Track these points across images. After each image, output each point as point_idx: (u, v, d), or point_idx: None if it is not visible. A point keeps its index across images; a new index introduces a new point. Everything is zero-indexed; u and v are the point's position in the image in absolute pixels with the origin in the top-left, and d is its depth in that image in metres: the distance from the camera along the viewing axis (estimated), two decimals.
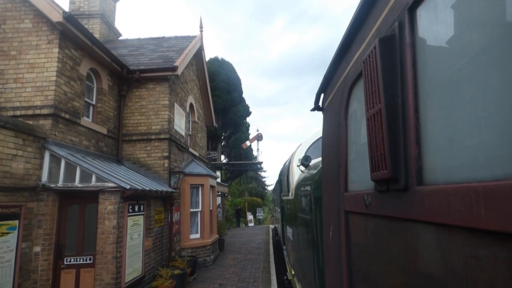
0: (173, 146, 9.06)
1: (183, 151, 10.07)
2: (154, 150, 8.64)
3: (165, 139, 8.65)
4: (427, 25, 0.98)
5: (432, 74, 0.95)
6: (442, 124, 0.89)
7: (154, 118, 8.76)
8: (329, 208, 2.24)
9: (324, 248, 2.40)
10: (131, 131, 8.71)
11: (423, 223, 0.93)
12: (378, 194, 1.27)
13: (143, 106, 8.84)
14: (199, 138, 12.47)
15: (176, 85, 9.66)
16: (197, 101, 12.56)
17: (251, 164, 25.57)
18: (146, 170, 8.50)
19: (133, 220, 6.08)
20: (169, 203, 8.16)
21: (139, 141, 8.68)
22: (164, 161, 8.58)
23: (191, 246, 9.53)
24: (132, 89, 8.91)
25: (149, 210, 7.22)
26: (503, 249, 0.64)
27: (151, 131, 8.70)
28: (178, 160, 9.48)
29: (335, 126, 2.06)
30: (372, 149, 1.24)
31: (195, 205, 10.17)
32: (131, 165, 8.52)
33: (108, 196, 5.67)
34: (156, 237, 7.51)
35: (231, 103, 24.80)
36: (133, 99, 8.88)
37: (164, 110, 8.78)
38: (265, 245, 14.36)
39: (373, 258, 1.40)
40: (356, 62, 1.62)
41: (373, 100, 1.23)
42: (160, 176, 8.49)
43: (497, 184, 0.63)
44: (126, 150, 8.66)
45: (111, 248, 5.52)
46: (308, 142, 5.69)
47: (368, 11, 1.49)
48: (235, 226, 26.28)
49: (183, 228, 9.43)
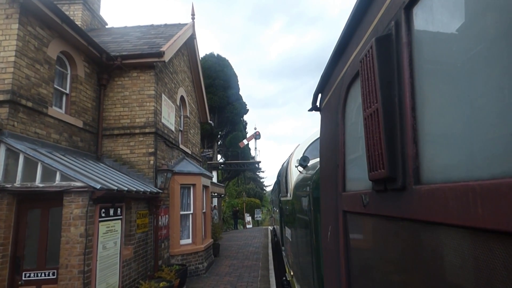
0: (160, 141, 8.11)
1: (173, 148, 9.13)
2: (138, 146, 7.69)
3: (150, 133, 7.71)
4: (424, 24, 0.99)
5: (429, 73, 0.96)
6: (439, 123, 0.90)
7: (138, 110, 7.82)
8: (327, 208, 2.24)
9: (323, 248, 2.39)
10: (113, 125, 7.76)
11: (421, 222, 0.94)
12: (376, 194, 1.28)
13: (126, 96, 7.89)
14: (191, 134, 11.53)
15: (164, 74, 8.72)
16: (189, 94, 11.62)
17: (249, 164, 24.61)
18: (129, 168, 7.55)
19: (107, 226, 5.13)
20: (154, 206, 7.21)
21: (121, 135, 7.73)
22: (149, 158, 7.63)
23: (182, 253, 8.58)
24: (114, 78, 7.96)
25: (130, 214, 6.26)
26: (501, 248, 0.64)
27: (135, 124, 7.75)
28: (166, 158, 8.54)
29: (333, 126, 2.06)
30: (370, 148, 1.24)
31: (186, 207, 9.22)
32: (112, 162, 7.56)
33: (74, 198, 4.72)
34: (138, 244, 6.55)
35: (228, 101, 23.85)
36: (114, 89, 7.94)
37: (149, 101, 7.84)
38: (264, 249, 13.41)
39: (371, 257, 1.41)
40: (353, 62, 1.62)
41: (370, 99, 1.23)
42: (145, 174, 7.54)
43: (494, 183, 0.64)
44: (106, 145, 7.70)
45: (78, 260, 4.57)
46: (306, 143, 5.68)
47: (365, 11, 1.48)
48: (233, 228, 25.30)
49: (173, 233, 8.47)
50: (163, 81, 8.56)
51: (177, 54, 10.09)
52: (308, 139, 5.80)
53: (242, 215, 28.54)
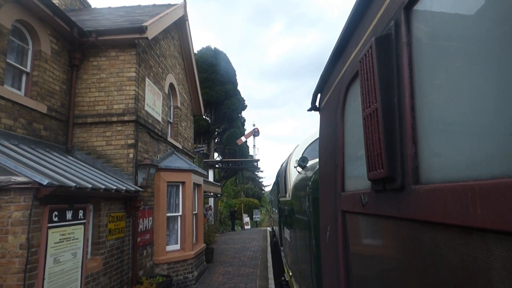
0: (143, 132, 6.99)
1: (159, 140, 8.01)
2: (116, 137, 6.56)
3: (130, 121, 6.59)
4: (423, 24, 0.99)
5: (429, 73, 0.96)
6: (439, 123, 0.90)
7: (116, 94, 6.70)
8: (326, 208, 2.22)
9: (321, 248, 2.37)
10: (86, 112, 6.64)
11: (420, 222, 0.94)
12: (375, 194, 1.27)
13: (102, 79, 6.77)
14: (183, 127, 10.41)
15: (149, 56, 7.59)
16: (181, 83, 10.50)
17: (247, 162, 23.48)
18: (104, 162, 6.43)
19: (62, 233, 4.01)
20: (133, 207, 6.09)
21: (96, 124, 6.61)
22: (128, 151, 6.51)
23: (168, 261, 7.45)
24: (89, 58, 6.84)
25: (99, 217, 5.14)
26: (499, 248, 0.64)
27: (112, 111, 6.63)
28: (151, 151, 7.41)
29: (332, 126, 2.06)
30: (369, 148, 1.24)
31: (174, 208, 8.10)
32: (85, 156, 6.44)
33: (14, 197, 3.60)
34: (110, 253, 5.42)
35: (225, 95, 22.72)
36: (89, 70, 6.81)
37: (130, 85, 6.72)
38: (263, 254, 12.30)
39: (370, 257, 1.41)
40: (353, 61, 1.61)
41: (370, 99, 1.23)
42: (123, 170, 6.42)
43: (493, 183, 0.64)
44: (78, 136, 6.58)
45: (16, 280, 3.45)
46: (305, 143, 5.67)
47: (364, 10, 1.47)
48: (230, 230, 24.17)
49: (157, 238, 7.35)
50: (147, 63, 7.43)
51: (165, 36, 8.98)
52: (307, 140, 5.76)
53: (240, 215, 27.42)
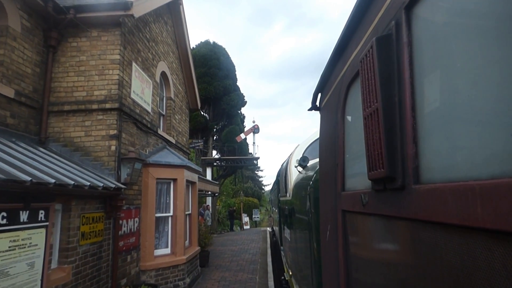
0: (128, 122, 6.21)
1: (148, 133, 7.23)
2: (96, 127, 5.79)
3: (112, 109, 5.81)
4: (424, 24, 0.98)
5: (429, 73, 0.95)
6: (439, 123, 0.89)
7: (97, 79, 5.92)
8: (326, 207, 2.23)
9: (322, 248, 2.36)
10: (63, 98, 5.86)
11: (420, 222, 0.93)
12: (375, 193, 1.27)
13: (82, 62, 5.99)
14: (176, 120, 9.63)
15: (136, 39, 6.81)
16: (174, 73, 9.72)
17: (246, 160, 22.70)
18: (82, 156, 5.65)
19: (14, 239, 3.24)
20: (114, 206, 5.30)
21: (74, 112, 5.83)
22: (110, 143, 5.73)
23: (157, 267, 6.68)
24: (67, 38, 6.05)
25: (68, 218, 4.36)
26: (500, 247, 0.64)
27: (93, 98, 5.85)
28: (138, 144, 6.64)
29: (332, 126, 2.06)
30: (369, 148, 1.24)
31: (165, 208, 7.33)
32: (61, 148, 5.66)
33: None
34: (84, 261, 4.64)
35: (224, 91, 21.92)
36: (68, 52, 6.03)
37: (113, 69, 5.94)
38: (262, 257, 11.53)
39: (370, 257, 1.41)
40: (353, 61, 1.62)
41: (370, 99, 1.22)
42: (104, 164, 5.64)
43: (494, 183, 0.64)
44: (54, 126, 5.80)
45: None
46: (306, 143, 5.67)
47: (365, 10, 1.47)
48: (228, 230, 23.39)
49: (144, 241, 6.58)
50: (134, 46, 6.65)
51: (156, 19, 8.20)
52: (308, 140, 5.73)
53: (239, 215, 26.66)
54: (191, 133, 21.99)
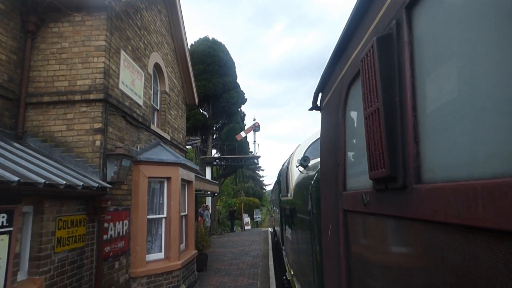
0: (116, 115, 5.65)
1: (139, 128, 6.67)
2: (79, 120, 5.23)
3: (97, 100, 5.25)
4: (425, 23, 0.98)
5: (430, 73, 0.95)
6: (440, 122, 0.89)
7: (81, 68, 5.36)
8: (327, 207, 2.23)
9: (323, 248, 2.37)
10: (43, 89, 5.31)
11: (421, 221, 0.93)
12: (376, 193, 1.27)
13: (64, 49, 5.44)
14: (172, 116, 9.07)
15: (126, 25, 6.25)
16: (169, 66, 9.16)
17: (247, 159, 22.12)
18: (64, 152, 5.10)
19: None
20: (98, 208, 4.74)
21: (54, 104, 5.28)
22: (94, 137, 5.17)
23: (149, 273, 6.13)
24: (48, 24, 5.51)
25: (40, 222, 3.81)
26: (501, 247, 0.64)
27: (76, 88, 5.29)
28: (127, 140, 6.08)
29: (333, 125, 2.07)
30: (370, 147, 1.24)
31: (158, 209, 6.78)
32: (40, 143, 5.11)
33: None
34: (60, 270, 4.08)
35: (224, 88, 21.35)
36: (48, 38, 5.48)
37: (98, 56, 5.38)
38: (263, 259, 10.97)
39: (372, 256, 1.41)
40: (354, 61, 1.62)
41: (371, 99, 1.22)
42: (88, 161, 5.08)
43: (495, 182, 0.63)
44: (33, 119, 5.25)
45: None
46: (307, 143, 5.68)
47: (366, 10, 1.47)
48: (228, 231, 22.82)
49: (135, 246, 6.02)
50: (123, 33, 6.09)
51: (149, 6, 7.65)
52: (309, 139, 5.71)
53: (240, 215, 26.10)
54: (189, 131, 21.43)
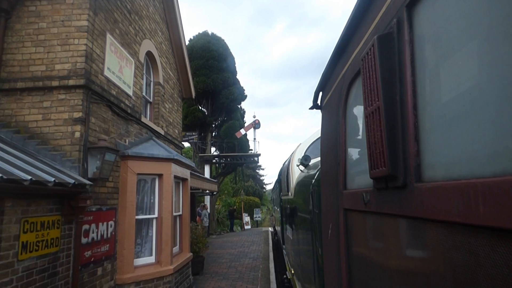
0: (100, 104, 5.07)
1: (129, 120, 6.09)
2: (57, 108, 4.65)
3: (78, 87, 4.68)
4: (425, 22, 0.99)
5: (431, 71, 0.96)
6: (441, 121, 0.90)
7: (60, 50, 4.79)
8: (328, 206, 2.24)
9: (323, 246, 2.38)
10: (17, 74, 4.74)
11: (422, 220, 0.93)
12: (377, 192, 1.27)
13: (42, 30, 4.86)
14: (166, 110, 8.50)
15: (113, 6, 5.68)
16: (164, 56, 8.58)
17: (247, 157, 21.56)
18: (39, 144, 4.52)
19: None
20: (75, 207, 4.16)
21: (29, 91, 4.71)
22: (74, 128, 4.59)
23: (137, 280, 5.56)
24: (24, 2, 4.93)
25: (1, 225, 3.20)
26: (502, 245, 0.64)
27: (54, 73, 4.72)
28: (114, 132, 5.50)
29: (334, 124, 2.07)
30: (371, 146, 1.24)
31: (148, 209, 6.21)
32: (12, 135, 4.53)
33: None
34: (26, 281, 3.53)
35: (223, 84, 20.81)
36: (24, 18, 4.90)
37: (79, 38, 4.81)
38: (264, 262, 10.42)
39: (372, 255, 1.41)
40: (354, 59, 1.63)
41: (372, 97, 1.23)
42: (66, 155, 4.49)
43: (496, 181, 0.64)
44: (4, 107, 4.70)
45: None
46: (308, 142, 5.66)
47: (366, 9, 1.47)
48: (228, 231, 22.25)
49: (122, 249, 5.45)
50: (110, 14, 5.50)
51: None
52: (310, 139, 5.70)
53: (240, 215, 25.54)
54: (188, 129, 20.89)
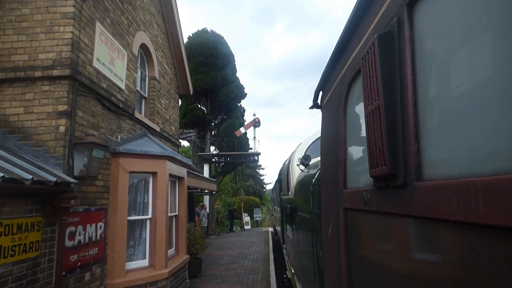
0: (89, 97, 4.72)
1: (121, 115, 5.74)
2: (40, 101, 4.30)
3: (63, 77, 4.33)
4: (426, 20, 0.99)
5: (431, 70, 0.96)
6: (441, 120, 0.90)
7: (44, 38, 4.43)
8: (328, 205, 2.24)
9: (323, 246, 2.39)
10: None
11: (422, 218, 0.94)
12: (377, 191, 1.27)
13: (24, 17, 4.51)
14: (162, 106, 8.15)
15: None
16: (160, 49, 8.23)
17: (246, 156, 21.22)
18: (20, 140, 4.18)
19: None
20: (57, 208, 3.80)
21: (10, 82, 4.37)
22: (58, 122, 4.24)
23: (129, 285, 5.23)
24: None
25: None
26: (502, 244, 0.64)
27: (37, 63, 4.37)
28: (104, 128, 5.15)
29: (334, 123, 2.08)
30: (371, 145, 1.24)
31: (141, 210, 5.86)
32: None
33: None
34: None
35: (222, 82, 20.48)
36: (5, 4, 4.57)
37: (65, 25, 4.46)
38: (264, 263, 10.08)
39: (372, 254, 1.42)
40: (355, 58, 1.63)
41: (372, 96, 1.23)
42: (49, 151, 4.14)
43: (496, 179, 0.64)
44: None
45: None
46: (308, 142, 5.68)
47: (367, 8, 1.48)
48: (227, 231, 21.90)
49: (112, 252, 5.09)
50: (99, 2, 5.19)
51: None
52: (310, 138, 5.71)
53: (240, 214, 25.19)
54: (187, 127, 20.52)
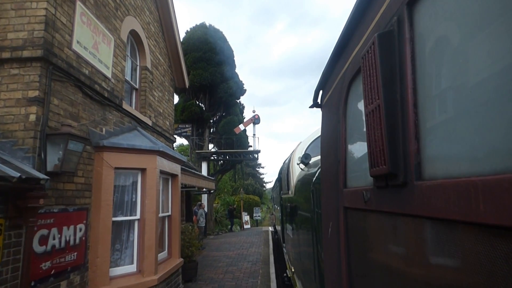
0: (66, 83, 4.21)
1: (106, 106, 5.19)
2: (8, 86, 3.79)
3: (34, 59, 3.80)
4: (426, 20, 0.99)
5: (431, 69, 0.97)
6: (441, 119, 0.90)
7: (14, 16, 3.93)
8: (328, 204, 2.25)
9: (324, 245, 2.40)
10: None
11: (422, 218, 0.94)
12: (377, 190, 1.27)
13: None
14: (155, 98, 7.62)
15: None
16: (153, 38, 7.71)
17: (246, 153, 20.71)
18: None
19: None
20: (23, 208, 3.27)
21: None
22: (28, 110, 3.71)
23: None
24: None
25: None
26: (502, 243, 0.64)
27: (5, 43, 3.88)
28: (85, 119, 4.61)
29: (334, 123, 2.09)
30: (371, 144, 1.25)
31: (129, 210, 5.32)
32: None
33: None
34: None
35: (221, 78, 19.98)
36: None
37: (38, 0, 3.90)
38: (264, 266, 9.59)
39: (372, 254, 1.42)
40: (355, 58, 1.63)
41: (372, 95, 1.23)
42: (18, 143, 3.61)
43: (496, 178, 0.64)
44: None
45: None
46: (308, 141, 5.70)
47: (367, 7, 1.48)
48: (226, 231, 21.38)
49: (95, 257, 4.57)
50: None
51: None
52: (310, 137, 5.73)
53: (239, 214, 24.68)
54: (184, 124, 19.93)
